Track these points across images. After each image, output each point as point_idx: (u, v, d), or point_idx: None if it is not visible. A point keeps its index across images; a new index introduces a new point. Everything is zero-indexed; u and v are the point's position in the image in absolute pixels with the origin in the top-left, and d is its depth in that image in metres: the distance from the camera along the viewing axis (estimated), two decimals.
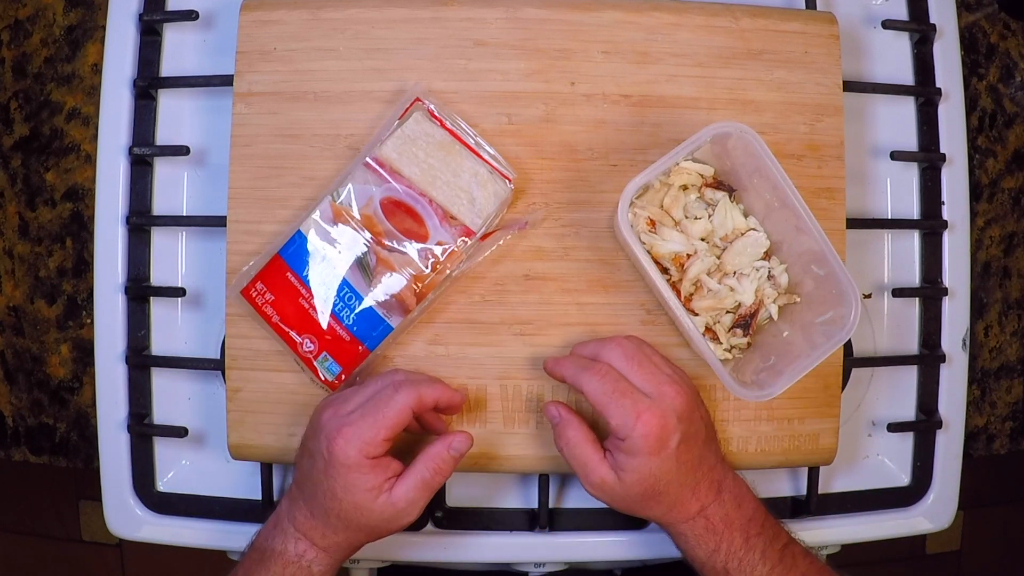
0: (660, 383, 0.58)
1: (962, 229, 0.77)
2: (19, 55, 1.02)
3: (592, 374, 0.58)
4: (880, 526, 0.75)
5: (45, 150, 1.04)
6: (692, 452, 0.59)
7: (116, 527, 0.74)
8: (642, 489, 0.59)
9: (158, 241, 0.74)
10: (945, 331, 0.76)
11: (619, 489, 0.59)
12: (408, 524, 0.60)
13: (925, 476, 0.76)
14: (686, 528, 0.60)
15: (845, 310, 0.59)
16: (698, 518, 0.60)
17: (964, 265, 0.77)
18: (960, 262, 0.77)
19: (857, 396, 0.77)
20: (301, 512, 0.60)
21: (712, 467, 0.61)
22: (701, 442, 0.60)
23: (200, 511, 0.73)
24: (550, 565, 0.75)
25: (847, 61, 0.72)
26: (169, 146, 0.73)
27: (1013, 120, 0.99)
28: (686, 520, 0.60)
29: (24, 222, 1.07)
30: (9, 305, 1.08)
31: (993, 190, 0.99)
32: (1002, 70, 0.99)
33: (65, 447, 1.25)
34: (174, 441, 0.73)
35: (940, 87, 0.76)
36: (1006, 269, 1.00)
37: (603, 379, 0.58)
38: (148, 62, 0.74)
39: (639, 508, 0.61)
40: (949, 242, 0.76)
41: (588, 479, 0.60)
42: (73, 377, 1.10)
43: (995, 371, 1.00)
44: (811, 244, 0.61)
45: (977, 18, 0.97)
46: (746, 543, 0.59)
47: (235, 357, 0.67)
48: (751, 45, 0.69)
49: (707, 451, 0.61)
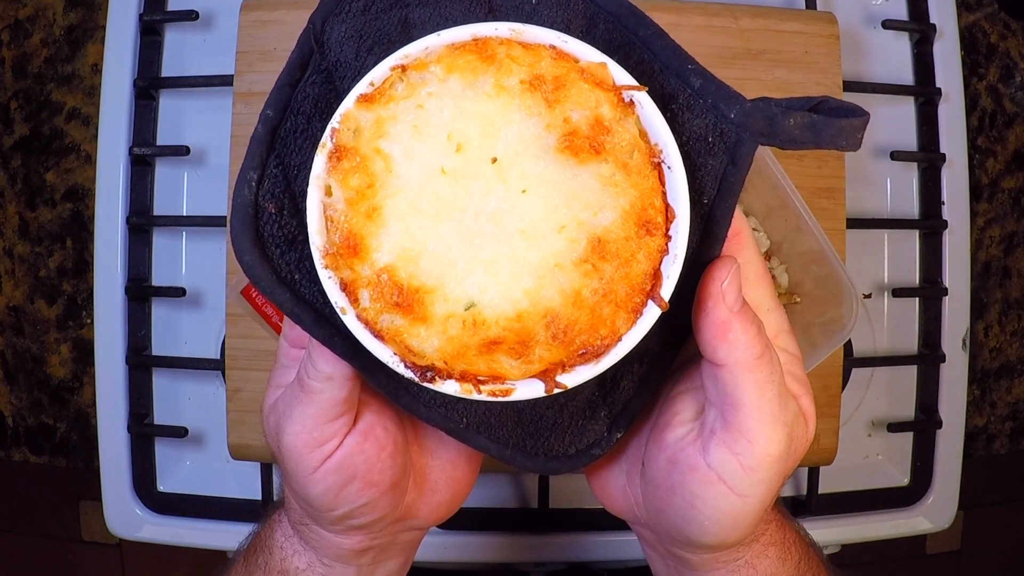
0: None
1: (962, 229, 0.77)
2: (19, 55, 1.02)
3: (772, 361, 0.38)
4: (880, 526, 0.75)
5: (45, 150, 1.04)
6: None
7: (116, 527, 0.74)
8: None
9: (158, 241, 0.74)
10: (945, 331, 0.76)
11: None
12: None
13: (925, 476, 0.76)
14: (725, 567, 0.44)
15: (845, 310, 0.59)
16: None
17: (964, 265, 0.77)
18: (960, 262, 0.77)
19: (857, 396, 0.77)
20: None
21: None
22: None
23: (200, 511, 0.73)
24: (550, 565, 0.76)
25: (847, 61, 0.72)
26: (169, 146, 0.73)
27: (1013, 120, 0.99)
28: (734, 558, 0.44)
29: (24, 222, 1.07)
30: (9, 305, 1.08)
31: (993, 190, 0.99)
32: (1002, 70, 0.99)
33: (65, 447, 1.25)
34: (174, 441, 0.73)
35: (940, 87, 0.76)
36: (1006, 269, 1.00)
37: (775, 372, 0.38)
38: (148, 62, 0.74)
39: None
40: (949, 242, 0.76)
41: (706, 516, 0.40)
42: (73, 377, 1.11)
43: (995, 371, 1.00)
44: (811, 244, 0.61)
45: (977, 18, 0.97)
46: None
47: (235, 357, 0.67)
48: (751, 45, 0.69)
49: None
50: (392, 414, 0.42)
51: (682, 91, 0.38)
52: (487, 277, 0.35)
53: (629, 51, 0.39)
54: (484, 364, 0.36)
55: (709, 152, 0.38)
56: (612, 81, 0.37)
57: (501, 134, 0.36)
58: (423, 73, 0.37)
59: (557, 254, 0.35)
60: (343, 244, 0.35)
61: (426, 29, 0.39)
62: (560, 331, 0.35)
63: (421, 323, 0.35)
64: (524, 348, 0.36)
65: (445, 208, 0.35)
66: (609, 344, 0.36)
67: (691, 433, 0.39)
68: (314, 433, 0.39)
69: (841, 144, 0.36)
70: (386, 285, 0.35)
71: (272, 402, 0.42)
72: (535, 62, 0.37)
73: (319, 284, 0.36)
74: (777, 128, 0.36)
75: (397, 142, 0.36)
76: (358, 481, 0.40)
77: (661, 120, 0.36)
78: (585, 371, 0.36)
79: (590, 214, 0.36)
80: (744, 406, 0.36)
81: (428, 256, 0.35)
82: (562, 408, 0.41)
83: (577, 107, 0.36)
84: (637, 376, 0.41)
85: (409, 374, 0.35)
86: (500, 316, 0.35)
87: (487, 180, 0.36)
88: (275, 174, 0.38)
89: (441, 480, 0.46)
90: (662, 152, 0.36)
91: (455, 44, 0.37)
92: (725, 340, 0.36)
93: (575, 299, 0.35)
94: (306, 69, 0.39)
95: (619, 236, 0.36)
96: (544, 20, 0.39)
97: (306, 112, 0.39)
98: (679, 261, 0.36)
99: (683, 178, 0.36)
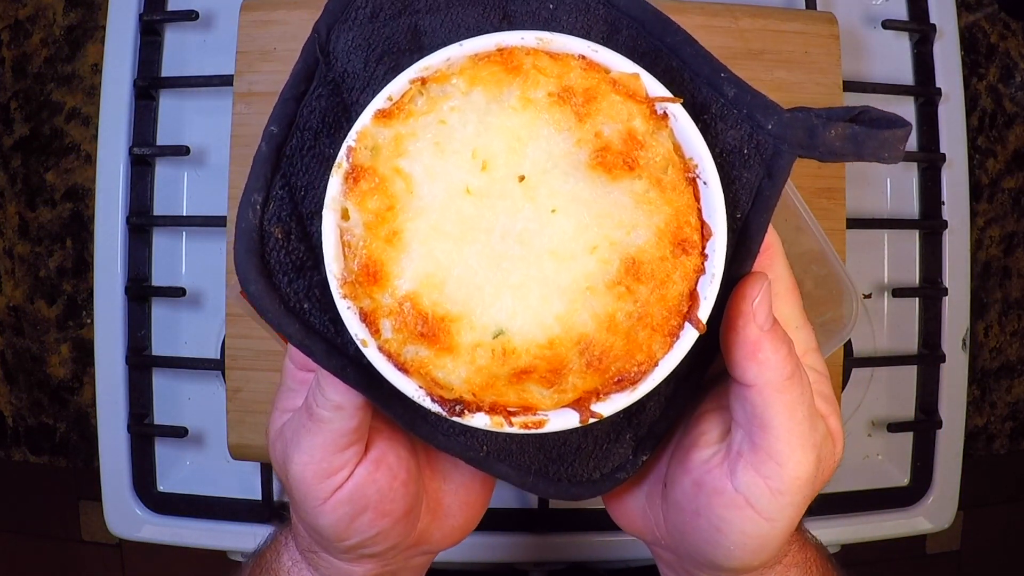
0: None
1: (962, 229, 0.77)
2: (19, 55, 1.02)
3: (802, 382, 0.36)
4: (880, 526, 0.75)
5: (45, 150, 1.04)
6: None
7: (116, 527, 0.74)
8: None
9: (158, 241, 0.74)
10: (945, 331, 0.76)
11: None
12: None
13: (925, 476, 0.76)
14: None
15: (845, 310, 0.59)
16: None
17: (964, 265, 0.77)
18: (960, 262, 0.77)
19: (857, 396, 0.77)
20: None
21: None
22: None
23: (200, 511, 0.73)
24: (550, 565, 0.76)
25: (847, 61, 0.72)
26: (169, 146, 0.73)
27: (1013, 120, 0.99)
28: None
29: (24, 222, 1.07)
30: (9, 305, 1.08)
31: (993, 190, 0.99)
32: (1002, 70, 0.99)
33: (65, 447, 1.25)
34: (174, 441, 0.73)
35: (940, 87, 0.76)
36: (1006, 269, 1.00)
37: (805, 393, 0.37)
38: (148, 62, 0.74)
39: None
40: (949, 242, 0.76)
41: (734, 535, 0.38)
42: (73, 377, 1.11)
43: (995, 371, 1.00)
44: (811, 244, 0.61)
45: (977, 18, 0.97)
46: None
47: (235, 357, 0.67)
48: (751, 45, 0.69)
49: None
50: (404, 440, 0.41)
51: (715, 101, 0.36)
52: (516, 302, 0.33)
53: (656, 58, 0.37)
54: (514, 395, 0.34)
55: (744, 165, 0.36)
56: (645, 92, 0.35)
57: (528, 150, 0.34)
58: (444, 86, 0.35)
59: (589, 276, 0.34)
60: (362, 271, 0.33)
61: (437, 36, 0.37)
62: (594, 358, 0.34)
63: (447, 353, 0.33)
64: (556, 377, 0.34)
65: (470, 230, 0.33)
66: (646, 370, 0.34)
67: (717, 455, 0.37)
68: (323, 464, 0.38)
69: (883, 156, 0.34)
70: (409, 314, 0.33)
71: (278, 428, 0.41)
72: (564, 73, 0.35)
73: (330, 312, 0.35)
74: (817, 140, 0.34)
75: (418, 160, 0.34)
76: (370, 512, 0.39)
77: (696, 133, 0.35)
78: (621, 399, 0.34)
79: (623, 233, 0.34)
80: (773, 428, 0.35)
81: (453, 281, 0.33)
82: (587, 432, 0.39)
83: (609, 120, 0.34)
84: (663, 396, 0.39)
85: (436, 408, 0.33)
86: (530, 343, 0.33)
87: (514, 199, 0.34)
88: (281, 196, 0.36)
89: (455, 504, 0.44)
90: (697, 167, 0.35)
91: (478, 55, 0.35)
92: (755, 360, 0.35)
93: (609, 323, 0.34)
94: (311, 81, 0.37)
95: (654, 256, 0.34)
96: (563, 26, 0.37)
97: (313, 128, 0.37)
98: (716, 281, 0.34)
99: (720, 194, 0.34)
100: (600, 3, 0.37)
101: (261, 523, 0.72)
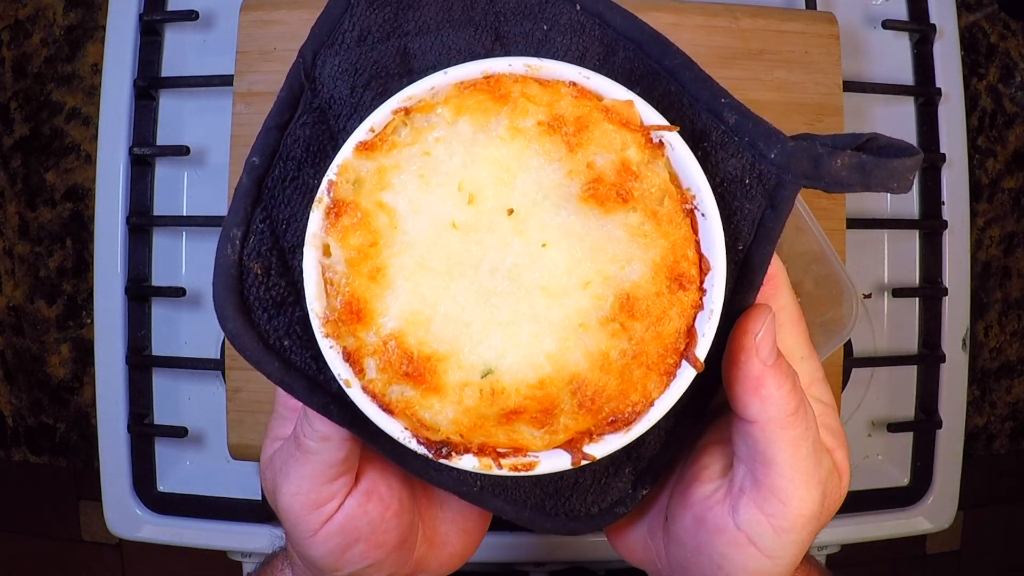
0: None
1: (962, 229, 0.77)
2: (19, 55, 1.02)
3: (806, 417, 0.35)
4: (880, 526, 0.75)
5: (45, 150, 1.04)
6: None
7: (116, 527, 0.74)
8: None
9: (158, 241, 0.74)
10: (945, 331, 0.76)
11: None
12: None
13: (925, 476, 0.76)
14: None
15: (845, 310, 0.59)
16: None
17: (964, 265, 0.77)
18: (960, 262, 0.77)
19: (857, 396, 0.77)
20: None
21: None
22: None
23: (200, 511, 0.73)
24: (550, 565, 0.76)
25: (847, 61, 0.72)
26: (169, 146, 0.73)
27: (1013, 120, 0.99)
28: None
29: (24, 222, 1.07)
30: (9, 305, 1.08)
31: (993, 190, 0.99)
32: (1002, 70, 0.99)
33: (65, 447, 1.25)
34: (174, 441, 0.73)
35: (940, 87, 0.76)
36: (1006, 269, 1.00)
37: (809, 428, 0.36)
38: (148, 62, 0.74)
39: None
40: (949, 242, 0.76)
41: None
42: (73, 377, 1.11)
43: (995, 371, 1.00)
44: (811, 244, 0.61)
45: (977, 18, 0.97)
46: None
47: (235, 357, 0.67)
48: (751, 45, 0.69)
49: None
50: (397, 469, 0.40)
51: (715, 128, 0.35)
52: (505, 340, 0.32)
53: (653, 82, 0.35)
54: (504, 435, 0.33)
55: (745, 195, 0.34)
56: (640, 121, 0.34)
57: (517, 182, 0.33)
58: (429, 116, 0.33)
59: (582, 313, 0.32)
60: (345, 310, 0.32)
61: (427, 59, 0.36)
62: (587, 398, 0.32)
63: (434, 394, 0.32)
64: (548, 417, 0.32)
65: (457, 265, 0.32)
66: (640, 411, 0.33)
67: (719, 491, 0.36)
68: (311, 495, 0.37)
69: (892, 187, 0.33)
70: (394, 353, 0.32)
71: (269, 456, 0.40)
72: (554, 101, 0.33)
73: (312, 349, 0.34)
74: (823, 170, 0.33)
75: (402, 194, 0.33)
76: (362, 543, 0.38)
77: (694, 163, 0.33)
78: (615, 440, 0.33)
79: (617, 268, 0.32)
80: (776, 464, 0.34)
81: (440, 319, 0.32)
82: (585, 466, 0.37)
83: (601, 151, 0.33)
84: (663, 430, 0.38)
85: (422, 450, 0.32)
86: (520, 383, 0.32)
87: (503, 233, 0.32)
88: (261, 229, 0.35)
89: (452, 532, 0.43)
90: (695, 198, 0.33)
91: (464, 82, 0.34)
92: (758, 396, 0.33)
93: (602, 362, 0.32)
94: (296, 108, 0.36)
95: (649, 291, 0.32)
96: (557, 48, 0.36)
97: (296, 157, 0.35)
98: (715, 317, 0.33)
99: (719, 226, 0.33)
100: (596, 24, 0.36)
101: (261, 523, 0.72)
